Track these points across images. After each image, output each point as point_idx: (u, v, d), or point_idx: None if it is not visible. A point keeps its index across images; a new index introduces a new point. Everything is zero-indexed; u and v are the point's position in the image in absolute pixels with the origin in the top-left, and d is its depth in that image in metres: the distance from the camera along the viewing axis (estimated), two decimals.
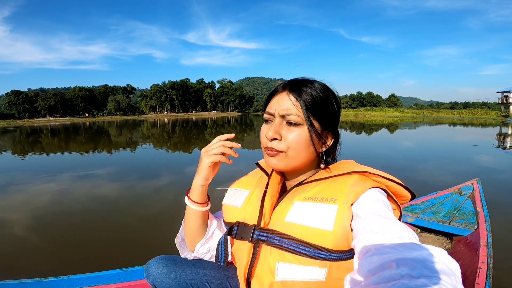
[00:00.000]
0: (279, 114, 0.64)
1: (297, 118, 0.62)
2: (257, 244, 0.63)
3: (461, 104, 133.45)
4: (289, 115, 0.62)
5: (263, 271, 0.61)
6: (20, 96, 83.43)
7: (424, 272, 0.36)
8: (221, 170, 0.78)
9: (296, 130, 0.62)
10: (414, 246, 0.42)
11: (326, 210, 0.56)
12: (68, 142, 13.38)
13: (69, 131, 23.45)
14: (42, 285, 1.01)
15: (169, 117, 75.82)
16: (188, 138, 13.24)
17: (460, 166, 5.45)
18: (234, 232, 0.67)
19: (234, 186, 0.79)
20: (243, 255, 0.65)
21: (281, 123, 0.64)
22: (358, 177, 0.62)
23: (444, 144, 9.38)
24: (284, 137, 0.63)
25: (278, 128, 0.63)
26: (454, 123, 23.58)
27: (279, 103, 0.64)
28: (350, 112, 62.19)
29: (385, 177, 0.62)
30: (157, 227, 2.83)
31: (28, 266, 2.13)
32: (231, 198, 0.75)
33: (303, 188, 0.64)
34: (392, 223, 0.50)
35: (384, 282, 0.37)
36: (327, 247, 0.54)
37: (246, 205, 0.69)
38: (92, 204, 3.62)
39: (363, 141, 10.66)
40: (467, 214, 1.91)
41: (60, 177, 5.33)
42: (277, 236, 0.60)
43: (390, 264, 0.39)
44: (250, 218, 0.66)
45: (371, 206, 0.55)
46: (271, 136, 0.63)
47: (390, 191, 0.63)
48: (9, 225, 3.00)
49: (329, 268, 0.55)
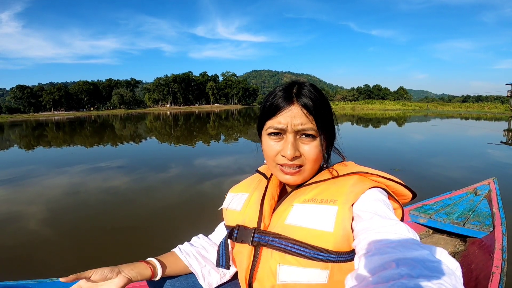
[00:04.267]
0: (294, 129, 0.61)
1: (314, 132, 0.61)
2: (257, 247, 0.63)
3: (473, 98, 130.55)
4: (306, 130, 0.61)
5: (264, 274, 0.61)
6: (25, 91, 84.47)
7: (424, 272, 0.36)
8: (228, 172, 0.73)
9: (312, 143, 0.62)
10: (415, 246, 0.43)
11: (326, 212, 0.56)
12: (73, 136, 13.47)
13: (74, 124, 23.64)
14: (51, 285, 0.99)
15: (172, 110, 76.08)
16: (191, 132, 13.27)
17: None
18: (234, 235, 0.66)
19: (233, 190, 0.79)
20: (244, 258, 0.65)
21: (295, 139, 0.62)
22: (358, 177, 0.62)
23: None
24: (302, 152, 0.62)
25: (296, 145, 0.62)
26: (452, 117, 22.53)
27: (291, 117, 0.61)
28: (347, 105, 58.30)
29: (384, 176, 0.62)
30: (165, 222, 2.82)
31: (43, 260, 2.16)
32: (231, 202, 0.75)
33: (303, 190, 0.64)
34: (392, 223, 0.50)
35: (384, 282, 0.37)
36: (328, 249, 0.54)
37: (246, 208, 0.69)
38: (102, 197, 3.65)
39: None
40: (482, 215, 1.84)
41: (71, 170, 5.37)
42: (277, 239, 0.60)
43: (390, 264, 0.40)
44: (250, 221, 0.65)
45: (371, 206, 0.55)
46: (292, 155, 0.61)
47: (391, 191, 0.63)
48: (24, 218, 3.06)
49: (330, 270, 0.55)
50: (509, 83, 32.27)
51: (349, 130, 12.03)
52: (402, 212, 0.64)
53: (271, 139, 0.64)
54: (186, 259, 0.76)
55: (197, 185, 4.14)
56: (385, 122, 17.17)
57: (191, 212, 3.06)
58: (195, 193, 3.76)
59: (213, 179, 4.38)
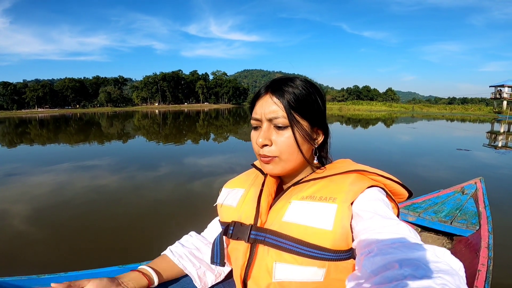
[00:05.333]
0: (266, 118, 0.62)
1: (284, 121, 0.60)
2: (253, 244, 0.62)
3: (459, 100, 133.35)
4: (276, 118, 0.60)
5: (260, 271, 0.60)
6: (8, 88, 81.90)
7: (427, 273, 0.36)
8: (221, 168, 0.70)
9: (285, 133, 0.61)
10: (417, 246, 0.42)
11: (325, 209, 0.55)
12: (57, 134, 13.04)
13: (59, 122, 22.94)
14: (39, 282, 0.94)
15: (160, 108, 74.89)
16: (180, 130, 13.08)
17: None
18: (230, 232, 0.65)
19: (229, 185, 0.77)
20: (239, 256, 0.63)
21: (269, 128, 0.62)
22: (356, 175, 0.61)
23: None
24: (274, 142, 0.61)
25: (267, 133, 0.62)
26: (436, 118, 23.17)
27: (264, 107, 0.62)
28: (334, 106, 59.05)
29: (382, 175, 0.62)
30: (154, 220, 2.75)
31: (27, 259, 2.10)
32: (226, 197, 0.73)
33: (301, 187, 0.63)
34: (394, 222, 0.49)
35: (387, 282, 0.37)
36: (326, 247, 0.53)
37: (242, 204, 0.67)
38: (89, 196, 3.55)
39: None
40: (469, 214, 1.87)
41: (55, 168, 5.19)
42: (274, 236, 0.58)
43: (393, 265, 0.39)
44: (246, 218, 0.64)
45: (371, 206, 0.54)
46: (262, 142, 0.61)
47: (388, 190, 0.63)
48: (9, 216, 2.95)
49: (327, 268, 0.54)
50: (493, 85, 32.62)
51: (333, 130, 12.19)
52: (398, 210, 0.63)
53: (254, 131, 0.65)
54: (179, 262, 0.73)
55: (187, 183, 4.08)
56: (372, 123, 17.52)
57: (180, 210, 3.01)
58: (184, 191, 3.71)
59: (203, 178, 4.33)
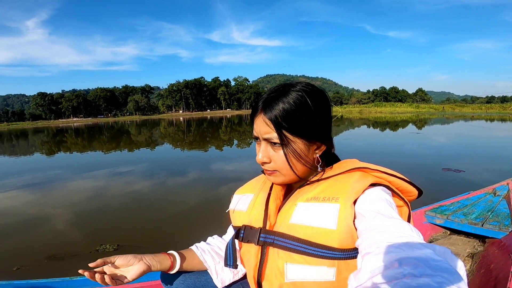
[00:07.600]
0: (262, 138, 0.64)
1: (278, 141, 0.61)
2: (264, 246, 0.64)
3: (498, 99, 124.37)
4: (270, 138, 0.62)
5: (272, 273, 0.62)
6: (46, 98, 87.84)
7: (427, 271, 0.35)
8: (247, 173, 0.77)
9: (279, 151, 0.62)
10: (418, 245, 0.42)
11: (328, 209, 0.57)
12: (91, 142, 13.93)
13: (93, 130, 24.41)
14: (72, 284, 1.02)
15: (184, 115, 76.96)
16: (203, 137, 13.44)
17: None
18: (241, 235, 0.67)
19: (239, 192, 0.80)
20: (251, 258, 0.65)
21: (266, 146, 0.64)
22: (360, 174, 0.62)
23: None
24: (272, 158, 0.64)
25: (265, 151, 0.64)
26: (472, 118, 21.86)
27: (259, 126, 0.63)
28: (354, 109, 56.12)
29: (386, 172, 0.61)
30: (182, 224, 2.90)
31: (66, 260, 2.26)
32: (237, 203, 0.76)
33: (306, 189, 0.65)
34: (396, 222, 0.49)
35: (387, 281, 0.37)
36: (334, 246, 0.55)
37: (252, 209, 0.69)
38: (124, 201, 3.82)
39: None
40: (501, 216, 1.81)
41: (92, 174, 5.61)
42: (283, 238, 0.60)
43: (393, 263, 0.39)
44: (256, 221, 0.66)
45: (375, 205, 0.54)
46: (261, 160, 0.64)
47: (395, 187, 0.62)
48: (51, 220, 3.23)
49: (337, 267, 0.55)
50: None
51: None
52: (408, 209, 0.63)
53: (256, 145, 0.68)
54: (201, 255, 0.78)
55: (212, 189, 4.23)
56: (394, 127, 16.77)
57: (207, 215, 3.14)
58: (210, 196, 3.85)
59: (228, 183, 4.45)
